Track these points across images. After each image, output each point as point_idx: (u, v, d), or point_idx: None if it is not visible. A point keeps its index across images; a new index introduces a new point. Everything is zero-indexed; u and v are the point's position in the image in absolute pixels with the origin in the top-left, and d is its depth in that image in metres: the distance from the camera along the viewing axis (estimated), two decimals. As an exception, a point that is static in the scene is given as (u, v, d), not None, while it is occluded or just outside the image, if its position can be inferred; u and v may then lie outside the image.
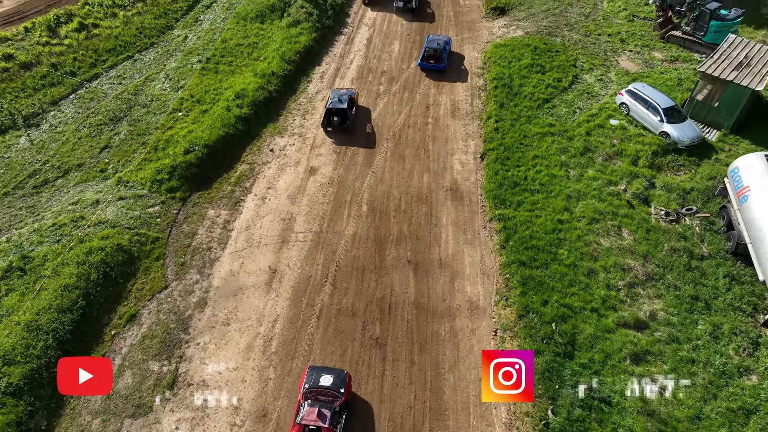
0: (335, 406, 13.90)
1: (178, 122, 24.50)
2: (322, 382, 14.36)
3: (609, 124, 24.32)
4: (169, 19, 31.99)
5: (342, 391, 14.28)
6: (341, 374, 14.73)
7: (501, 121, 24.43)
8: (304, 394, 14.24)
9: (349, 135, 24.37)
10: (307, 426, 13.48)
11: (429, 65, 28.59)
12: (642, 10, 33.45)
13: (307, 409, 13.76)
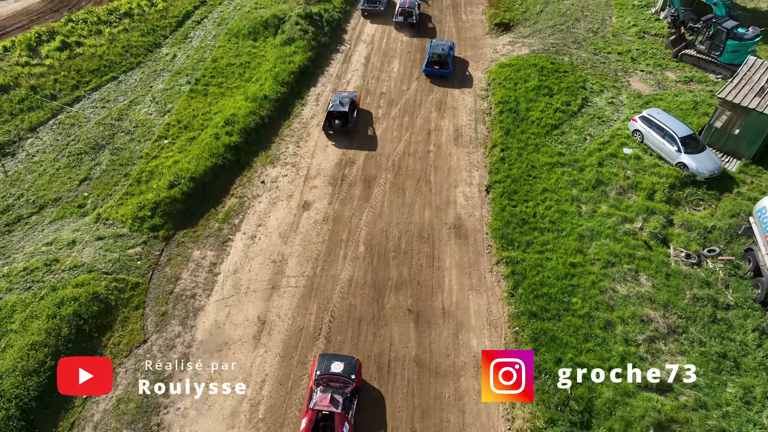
0: (347, 392, 14.31)
1: (163, 151, 23.21)
2: (333, 369, 14.76)
3: (622, 153, 23.06)
4: (157, 36, 30.73)
5: (353, 377, 14.71)
6: (352, 361, 15.21)
7: (507, 150, 23.17)
8: (316, 380, 14.60)
9: (349, 140, 24.24)
10: (320, 411, 13.88)
11: (434, 71, 28.47)
12: (653, 26, 32.27)
13: (319, 395, 14.12)
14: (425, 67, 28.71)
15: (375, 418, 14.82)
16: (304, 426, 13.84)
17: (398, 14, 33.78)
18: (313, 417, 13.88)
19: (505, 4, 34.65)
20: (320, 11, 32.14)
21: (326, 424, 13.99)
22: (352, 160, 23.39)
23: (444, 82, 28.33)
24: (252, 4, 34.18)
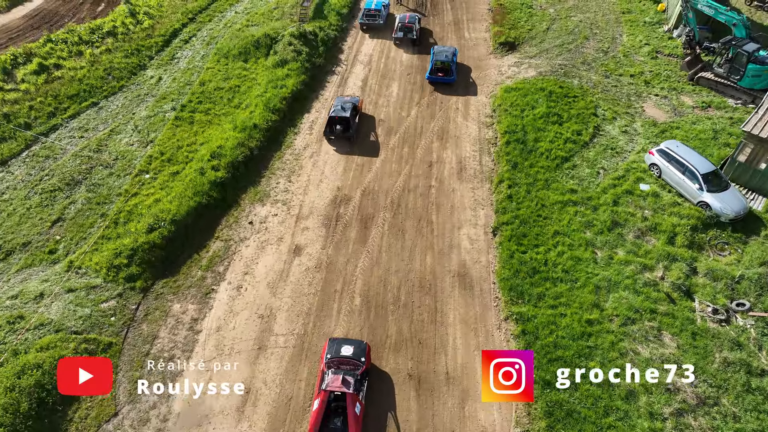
0: (357, 373, 14.80)
1: (144, 187, 21.73)
2: (344, 352, 15.29)
3: (638, 189, 21.62)
4: (142, 57, 29.29)
5: (363, 360, 15.21)
6: (361, 344, 15.73)
7: (515, 187, 21.71)
8: (327, 363, 15.11)
9: (350, 147, 24.33)
10: (332, 392, 14.37)
11: (438, 78, 28.31)
12: (666, 45, 30.89)
13: (331, 377, 14.60)
14: (429, 74, 28.48)
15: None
16: (317, 406, 14.23)
17: (398, 29, 32.46)
18: (325, 398, 14.33)
19: (509, 21, 33.27)
20: (315, 30, 30.72)
21: (338, 404, 14.53)
22: (347, 197, 21.92)
23: (447, 107, 26.89)
24: (243, 21, 32.78)
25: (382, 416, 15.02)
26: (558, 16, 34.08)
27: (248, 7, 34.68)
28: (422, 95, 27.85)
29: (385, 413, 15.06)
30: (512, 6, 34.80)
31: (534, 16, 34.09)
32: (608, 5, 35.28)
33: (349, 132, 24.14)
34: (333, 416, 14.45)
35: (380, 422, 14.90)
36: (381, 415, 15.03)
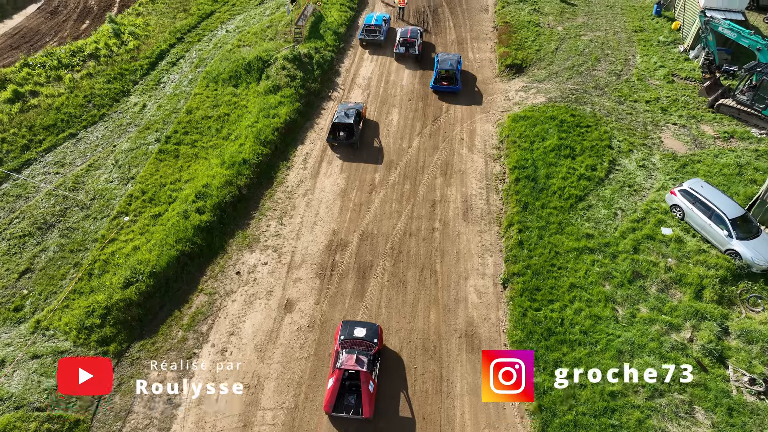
0: (370, 353, 15.57)
1: (123, 231, 20.17)
2: (357, 334, 16.05)
3: (660, 234, 20.09)
4: (125, 82, 27.75)
5: (375, 341, 15.99)
6: (373, 327, 16.51)
7: (526, 231, 20.17)
8: (341, 344, 15.88)
9: (354, 154, 24.43)
10: (346, 370, 15.06)
11: (443, 87, 28.22)
12: (682, 67, 29.42)
13: (345, 356, 15.30)
14: (433, 83, 28.29)
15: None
16: (332, 384, 14.97)
17: (399, 44, 31.13)
18: (340, 376, 15.02)
19: (516, 40, 31.80)
20: (310, 52, 29.22)
21: (352, 383, 15.25)
22: (343, 242, 20.37)
23: (450, 137, 25.37)
24: (234, 41, 31.28)
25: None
26: (567, 35, 32.62)
27: (240, 26, 33.19)
28: (424, 123, 26.33)
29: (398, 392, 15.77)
30: (518, 24, 33.34)
31: (542, 35, 32.62)
32: (619, 23, 33.86)
33: (353, 139, 24.20)
34: (347, 393, 15.27)
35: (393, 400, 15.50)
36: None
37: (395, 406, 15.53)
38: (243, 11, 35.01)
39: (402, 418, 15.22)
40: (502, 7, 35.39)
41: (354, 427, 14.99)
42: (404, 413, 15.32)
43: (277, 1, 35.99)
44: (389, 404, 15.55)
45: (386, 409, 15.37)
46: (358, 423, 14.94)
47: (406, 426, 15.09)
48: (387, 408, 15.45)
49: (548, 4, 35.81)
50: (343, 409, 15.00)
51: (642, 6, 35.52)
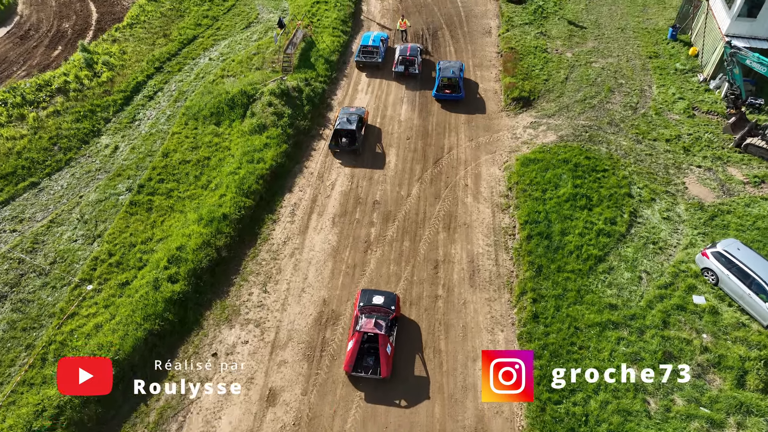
0: (388, 318, 16.67)
1: (85, 303, 18.04)
2: (375, 301, 17.13)
3: (692, 303, 18.08)
4: (96, 120, 25.65)
5: (393, 308, 17.07)
6: (391, 295, 17.65)
7: (541, 301, 18.13)
8: (360, 309, 16.94)
9: (356, 160, 24.60)
10: (365, 333, 16.18)
11: (445, 96, 27.94)
12: (703, 99, 27.51)
13: (365, 320, 16.42)
14: (435, 91, 28.05)
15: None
16: (351, 346, 16.11)
17: (398, 63, 29.46)
18: (359, 338, 16.11)
19: (522, 69, 29.85)
20: (299, 84, 27.19)
21: (371, 345, 16.38)
22: (335, 314, 18.28)
23: (454, 183, 23.34)
24: (218, 71, 29.23)
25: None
26: (577, 62, 30.69)
27: (224, 53, 31.14)
28: (424, 167, 24.30)
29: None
30: (525, 50, 31.40)
31: (550, 62, 30.68)
32: (632, 48, 31.96)
33: (355, 145, 24.36)
34: (366, 355, 16.40)
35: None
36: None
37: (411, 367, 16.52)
38: (228, 36, 32.98)
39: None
40: (506, 30, 33.46)
41: (372, 386, 16.08)
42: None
43: (264, 24, 34.00)
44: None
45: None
46: (375, 382, 16.13)
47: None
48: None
49: (555, 27, 33.91)
50: (362, 369, 16.21)
51: (655, 29, 33.64)
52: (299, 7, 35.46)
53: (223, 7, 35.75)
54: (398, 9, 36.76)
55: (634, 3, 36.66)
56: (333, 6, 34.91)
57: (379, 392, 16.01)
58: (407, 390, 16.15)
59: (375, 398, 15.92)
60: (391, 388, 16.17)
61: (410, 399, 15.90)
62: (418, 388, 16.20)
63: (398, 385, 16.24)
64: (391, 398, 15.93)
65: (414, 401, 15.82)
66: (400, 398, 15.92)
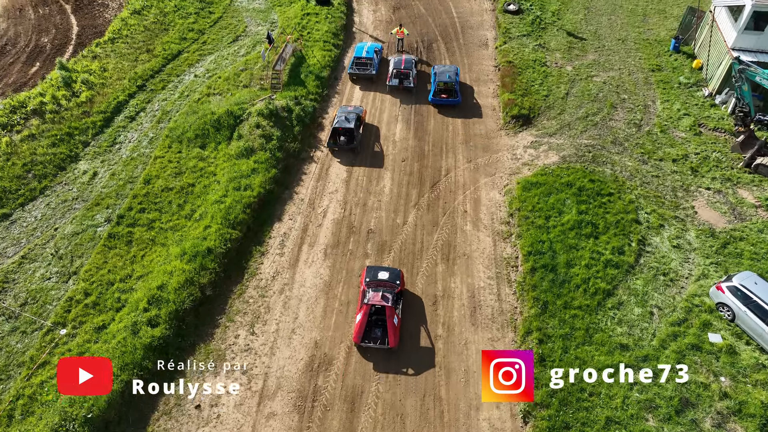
0: (394, 292, 17.66)
1: (57, 350, 16.84)
2: (380, 277, 18.12)
3: (707, 342, 17.11)
4: (74, 144, 24.43)
5: (398, 282, 18.08)
6: (395, 271, 18.59)
7: (547, 342, 17.10)
8: (367, 284, 17.87)
9: (354, 158, 24.90)
10: (373, 305, 17.18)
11: (442, 101, 27.82)
12: (709, 116, 26.64)
13: (372, 293, 17.46)
14: (431, 96, 27.83)
15: None
16: (360, 318, 17.05)
17: (392, 76, 28.59)
18: (367, 310, 17.06)
19: (521, 84, 28.88)
20: (288, 104, 26.07)
21: (378, 317, 17.28)
22: (328, 358, 17.17)
23: (452, 209, 22.30)
24: (203, 89, 28.08)
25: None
26: (577, 76, 29.76)
27: (211, 69, 29.99)
28: (421, 191, 23.25)
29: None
30: (523, 64, 30.44)
31: (549, 76, 29.74)
32: (634, 60, 31.08)
33: (354, 143, 24.60)
34: (374, 327, 17.35)
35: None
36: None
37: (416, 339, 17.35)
38: (215, 50, 31.83)
39: None
40: (504, 42, 32.50)
41: (381, 356, 17.00)
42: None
43: (253, 38, 32.88)
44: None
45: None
46: (384, 352, 17.03)
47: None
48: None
49: (554, 39, 33.00)
50: (371, 340, 17.11)
51: (657, 39, 32.80)
52: (289, 20, 34.38)
53: (210, 20, 34.60)
54: (391, 20, 35.78)
55: (633, 13, 35.85)
56: (324, 18, 33.84)
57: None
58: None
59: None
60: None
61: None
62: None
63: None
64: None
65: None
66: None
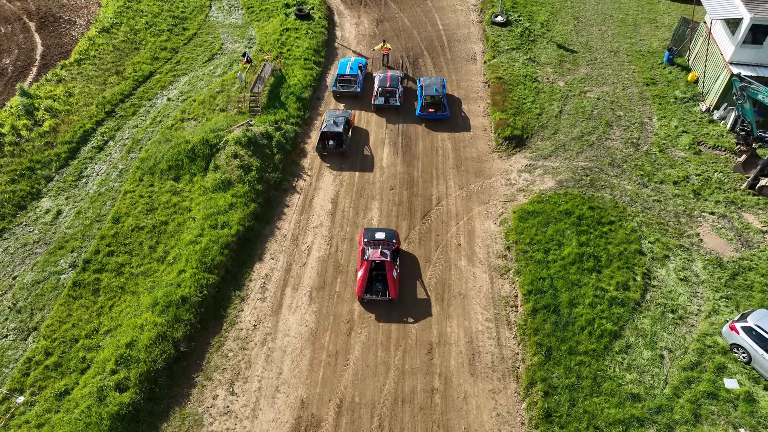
0: (392, 249, 19.17)
1: (14, 422, 15.26)
2: (378, 237, 19.64)
3: (723, 388, 16.07)
4: (35, 179, 22.79)
5: (394, 241, 19.59)
6: (391, 231, 20.13)
7: (553, 394, 15.94)
8: (365, 243, 19.42)
9: (344, 162, 24.63)
10: (373, 261, 18.60)
11: (429, 115, 27.11)
12: (708, 132, 25.80)
13: (371, 251, 18.92)
14: (419, 111, 27.21)
15: None
16: (362, 274, 18.40)
17: (378, 94, 27.50)
18: (368, 266, 18.39)
19: (512, 102, 27.78)
20: (268, 130, 24.66)
21: (378, 272, 18.67)
22: (316, 419, 15.81)
23: (446, 243, 21.08)
24: (177, 114, 26.57)
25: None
26: (570, 92, 28.76)
27: (185, 91, 28.46)
28: (411, 223, 22.00)
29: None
30: (514, 80, 29.36)
31: (541, 92, 28.70)
32: (627, 74, 30.19)
33: (343, 147, 24.50)
34: (375, 281, 18.77)
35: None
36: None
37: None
38: (189, 70, 30.30)
39: None
40: (493, 56, 31.41)
41: (382, 307, 18.54)
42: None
43: (229, 56, 31.41)
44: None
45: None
46: (385, 303, 18.57)
47: None
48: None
49: (545, 52, 31.99)
50: (373, 293, 18.57)
51: (649, 51, 31.96)
52: (267, 35, 32.95)
53: (184, 37, 33.05)
54: (375, 33, 34.53)
55: (624, 22, 35.01)
56: (304, 33, 32.48)
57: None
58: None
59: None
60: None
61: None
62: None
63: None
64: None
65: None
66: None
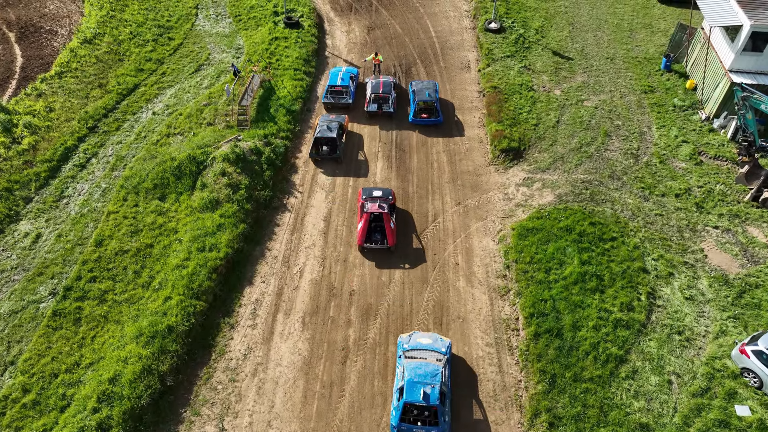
0: (389, 203, 21.01)
1: (-10, 466, 14.45)
2: (375, 194, 21.45)
3: (735, 416, 15.52)
4: (13, 201, 21.92)
5: (390, 197, 21.37)
6: (387, 189, 21.90)
7: (558, 425, 15.34)
8: (364, 199, 21.10)
9: (338, 168, 24.57)
10: (372, 213, 20.29)
11: (423, 120, 26.87)
12: (708, 142, 25.36)
13: (370, 204, 20.65)
14: (412, 116, 26.89)
15: None
16: (362, 225, 20.30)
17: (371, 101, 27.00)
18: (367, 218, 20.23)
19: (508, 112, 27.22)
20: (257, 145, 23.94)
21: (377, 224, 20.59)
22: (310, 457, 15.09)
23: (443, 263, 20.45)
24: (163, 129, 25.79)
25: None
26: (567, 101, 28.25)
27: (171, 104, 27.67)
28: (407, 241, 21.30)
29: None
30: (509, 89, 28.81)
31: (538, 101, 28.17)
32: (625, 81, 29.73)
33: (336, 153, 24.39)
34: (374, 232, 20.54)
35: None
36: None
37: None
38: (175, 82, 29.50)
39: None
40: (487, 65, 30.85)
41: (381, 255, 20.48)
42: None
43: (216, 67, 30.64)
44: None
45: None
46: (383, 251, 20.47)
47: None
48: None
49: (540, 59, 31.48)
50: (372, 242, 20.32)
51: (646, 57, 31.52)
52: (255, 45, 32.21)
53: (169, 47, 32.24)
54: (366, 42, 33.89)
55: (619, 28, 34.58)
56: (294, 42, 31.78)
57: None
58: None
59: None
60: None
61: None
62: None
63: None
64: None
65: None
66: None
